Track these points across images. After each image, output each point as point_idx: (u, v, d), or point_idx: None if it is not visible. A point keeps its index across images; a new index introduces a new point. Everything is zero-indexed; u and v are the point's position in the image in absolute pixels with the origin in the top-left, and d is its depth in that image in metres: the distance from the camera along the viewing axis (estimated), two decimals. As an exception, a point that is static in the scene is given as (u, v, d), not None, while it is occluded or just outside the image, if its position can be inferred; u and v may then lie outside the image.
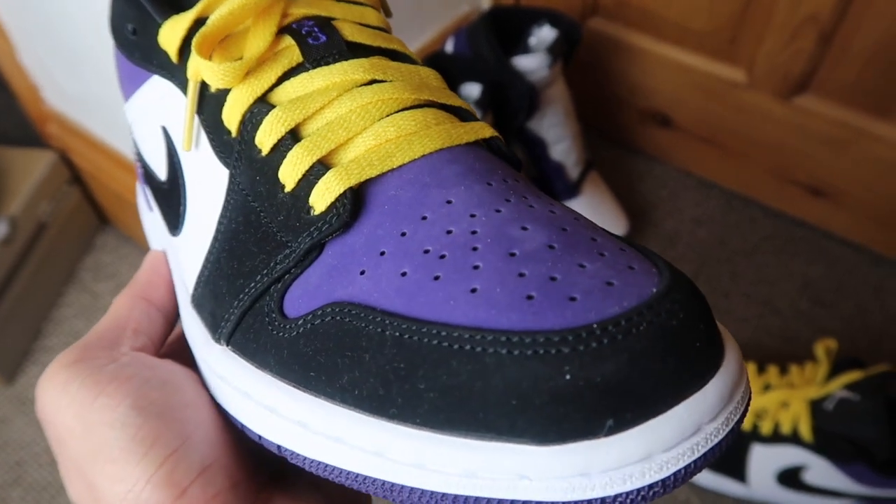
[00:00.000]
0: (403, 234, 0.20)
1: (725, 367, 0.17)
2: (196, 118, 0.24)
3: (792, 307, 0.82)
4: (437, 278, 0.18)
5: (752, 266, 0.85)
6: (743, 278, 0.84)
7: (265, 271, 0.22)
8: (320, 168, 0.21)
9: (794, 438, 0.62)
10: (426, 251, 0.19)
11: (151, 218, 0.31)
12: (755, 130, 0.85)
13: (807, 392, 0.63)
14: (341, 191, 0.21)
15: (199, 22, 0.23)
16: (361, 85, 0.23)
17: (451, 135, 0.22)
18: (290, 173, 0.21)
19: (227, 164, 0.23)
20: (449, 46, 0.79)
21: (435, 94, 0.23)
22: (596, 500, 0.16)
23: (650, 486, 0.16)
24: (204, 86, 0.24)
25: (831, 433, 0.61)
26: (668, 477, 0.16)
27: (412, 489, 0.18)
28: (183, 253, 0.26)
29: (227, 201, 0.23)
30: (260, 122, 0.22)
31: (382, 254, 0.20)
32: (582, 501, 0.16)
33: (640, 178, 0.94)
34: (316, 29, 0.23)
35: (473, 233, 0.19)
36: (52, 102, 0.80)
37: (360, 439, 0.19)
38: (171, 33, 0.24)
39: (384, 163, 0.21)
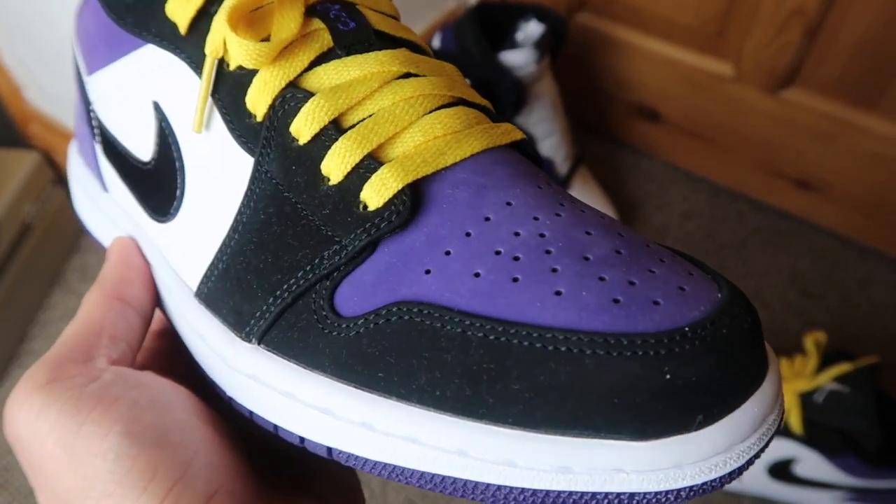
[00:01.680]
0: (468, 235, 0.20)
1: (773, 365, 0.19)
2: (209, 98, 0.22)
3: (780, 300, 0.82)
4: (515, 280, 0.19)
5: (741, 259, 0.86)
6: (731, 272, 0.84)
7: (309, 267, 0.21)
8: (371, 162, 0.20)
9: (784, 431, 0.63)
10: (497, 252, 0.19)
11: (107, 200, 0.28)
12: (742, 124, 0.85)
13: (796, 385, 0.63)
14: (399, 187, 0.20)
15: None
16: (399, 77, 0.22)
17: (492, 135, 0.22)
18: (336, 165, 0.20)
19: (249, 151, 0.22)
20: (435, 42, 0.79)
21: (465, 92, 0.23)
22: (685, 489, 0.17)
23: (730, 474, 0.18)
24: (219, 64, 0.22)
25: (821, 425, 0.61)
26: (744, 464, 0.18)
27: (499, 487, 0.18)
28: (178, 241, 0.24)
29: (250, 190, 0.22)
30: (296, 109, 0.21)
31: (448, 253, 0.20)
32: (672, 491, 0.17)
33: (629, 173, 0.95)
34: (344, 14, 0.22)
35: (542, 235, 0.19)
36: (35, 102, 0.79)
37: (439, 439, 0.19)
38: (183, 3, 0.22)
39: (437, 160, 0.21)
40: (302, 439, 0.20)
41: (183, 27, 0.22)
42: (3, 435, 0.70)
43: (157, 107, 0.24)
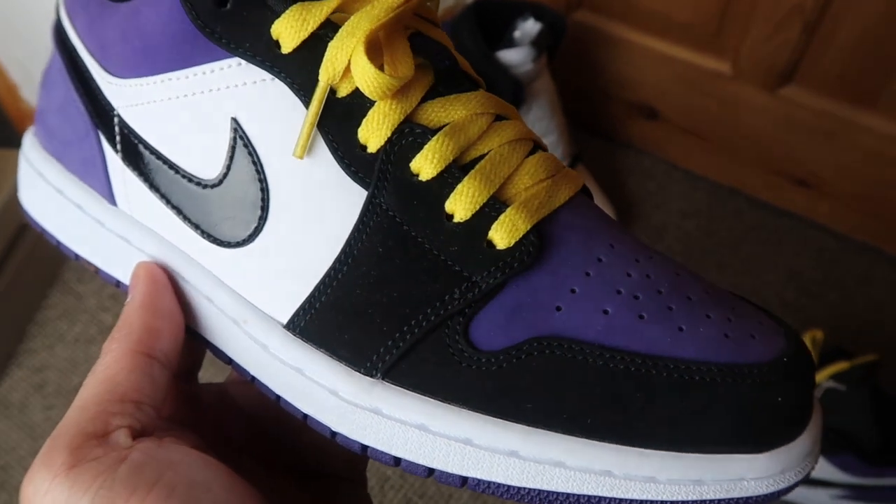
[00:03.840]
0: (588, 274, 0.21)
1: (817, 402, 0.23)
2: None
3: (778, 298, 0.82)
4: (641, 317, 0.21)
5: (739, 257, 0.86)
6: (729, 270, 0.84)
7: (439, 303, 0.21)
8: (496, 202, 0.21)
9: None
10: (619, 292, 0.21)
11: (114, 216, 0.26)
12: (741, 122, 0.85)
13: (794, 383, 0.63)
14: (527, 229, 0.21)
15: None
16: (496, 119, 0.23)
17: (575, 181, 0.23)
18: (463, 205, 0.21)
19: (360, 182, 0.21)
20: (433, 40, 0.79)
21: (534, 134, 0.24)
22: (784, 489, 0.21)
23: (805, 476, 0.21)
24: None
25: (819, 424, 0.61)
26: (812, 468, 0.22)
27: (642, 502, 0.20)
28: (256, 268, 0.23)
29: (362, 222, 0.22)
30: (417, 145, 0.21)
31: (573, 291, 0.21)
32: (776, 492, 0.21)
33: (627, 172, 0.94)
34: (439, 50, 0.23)
35: (648, 277, 0.22)
36: (32, 101, 0.79)
37: (588, 463, 0.20)
38: (296, 23, 0.21)
39: (549, 203, 0.22)
40: (431, 470, 0.21)
41: (289, 47, 0.21)
42: (1, 432, 0.69)
43: (236, 123, 0.23)
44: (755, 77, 0.80)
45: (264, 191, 0.23)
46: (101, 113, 0.26)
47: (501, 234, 0.21)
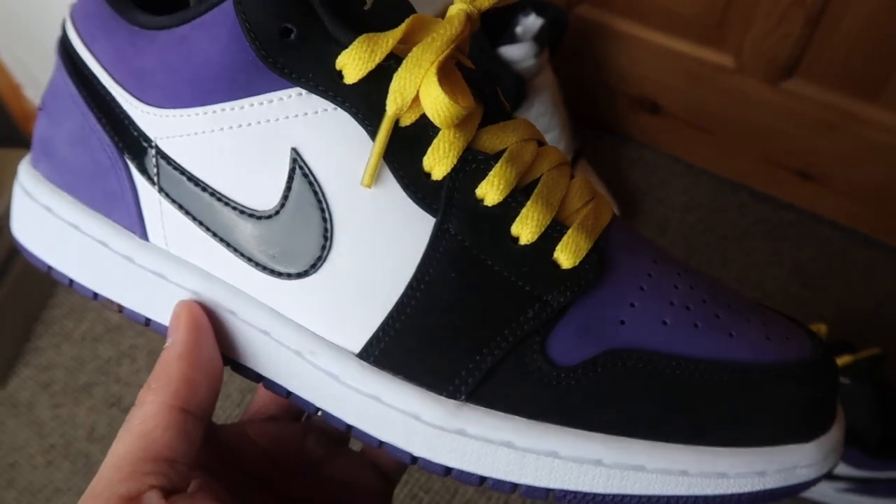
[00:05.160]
0: (642, 289, 0.23)
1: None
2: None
3: (782, 291, 0.82)
4: (696, 326, 0.23)
5: (742, 251, 0.86)
6: (733, 263, 0.84)
7: (515, 324, 0.22)
8: (557, 224, 0.23)
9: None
10: (672, 303, 0.23)
11: (147, 252, 0.25)
12: (744, 115, 0.85)
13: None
14: (588, 248, 0.23)
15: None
16: (539, 145, 0.24)
17: (608, 202, 0.25)
18: (529, 228, 0.22)
19: (427, 209, 0.22)
20: (435, 37, 0.79)
21: (567, 157, 0.26)
22: (827, 472, 0.23)
23: (838, 459, 0.23)
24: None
25: (823, 417, 0.61)
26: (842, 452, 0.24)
27: (714, 496, 0.22)
28: (321, 299, 0.23)
29: (432, 248, 0.22)
30: (481, 172, 0.22)
31: (633, 305, 0.23)
32: (820, 477, 0.23)
33: (630, 166, 0.94)
34: (481, 78, 0.23)
35: (692, 288, 0.23)
36: (35, 100, 0.79)
37: (666, 465, 0.22)
38: (364, 54, 0.21)
39: (599, 223, 0.24)
40: (515, 486, 0.22)
41: (354, 78, 0.22)
42: (8, 433, 0.70)
43: (296, 153, 0.22)
44: (758, 70, 0.80)
45: (327, 220, 0.23)
46: (131, 144, 0.25)
47: (567, 255, 0.22)
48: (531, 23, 0.78)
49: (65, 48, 0.27)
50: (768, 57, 0.78)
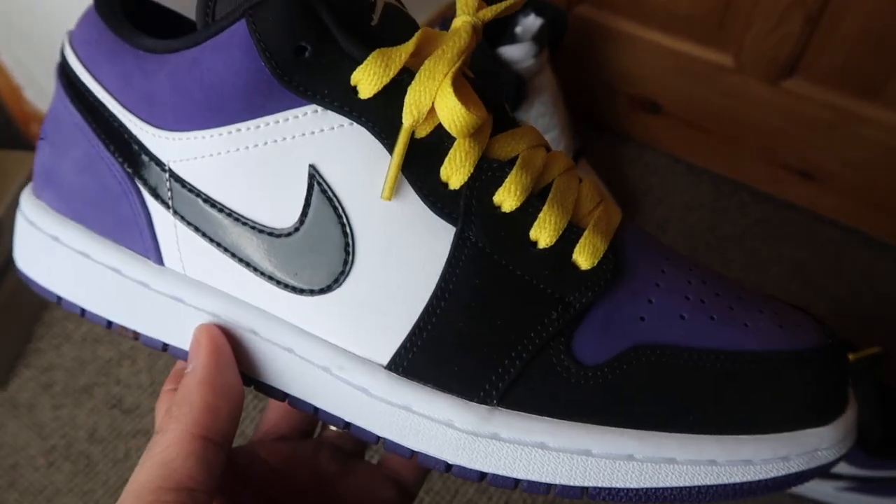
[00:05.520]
0: (658, 286, 0.23)
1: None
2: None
3: (782, 291, 0.82)
4: (712, 318, 0.23)
5: (743, 251, 0.86)
6: (734, 263, 0.84)
7: (540, 326, 0.22)
8: (573, 227, 0.23)
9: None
10: (687, 297, 0.23)
11: (163, 277, 0.25)
12: (744, 115, 0.85)
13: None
14: (605, 249, 0.23)
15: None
16: (546, 151, 0.24)
17: (614, 204, 0.25)
18: (548, 231, 0.23)
19: (447, 218, 0.22)
20: (435, 37, 0.79)
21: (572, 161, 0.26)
22: (846, 452, 0.24)
23: (854, 440, 0.24)
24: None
25: (823, 417, 0.61)
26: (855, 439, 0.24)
27: (742, 483, 0.23)
28: (347, 313, 0.23)
29: (455, 256, 0.22)
30: (497, 179, 0.22)
31: (650, 302, 0.23)
32: (838, 459, 0.23)
33: (630, 166, 0.94)
34: (487, 87, 0.24)
35: (704, 282, 0.24)
36: (35, 102, 0.80)
37: (694, 456, 0.22)
38: (379, 69, 0.22)
39: (611, 225, 0.24)
40: (550, 486, 0.23)
41: (368, 93, 0.22)
42: (9, 435, 0.70)
43: (314, 170, 0.23)
44: (758, 70, 0.80)
45: (348, 235, 0.23)
46: (143, 169, 0.25)
47: (585, 256, 0.23)
48: (531, 23, 0.78)
49: (66, 75, 0.26)
50: (768, 57, 0.78)
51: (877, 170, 0.80)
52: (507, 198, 0.22)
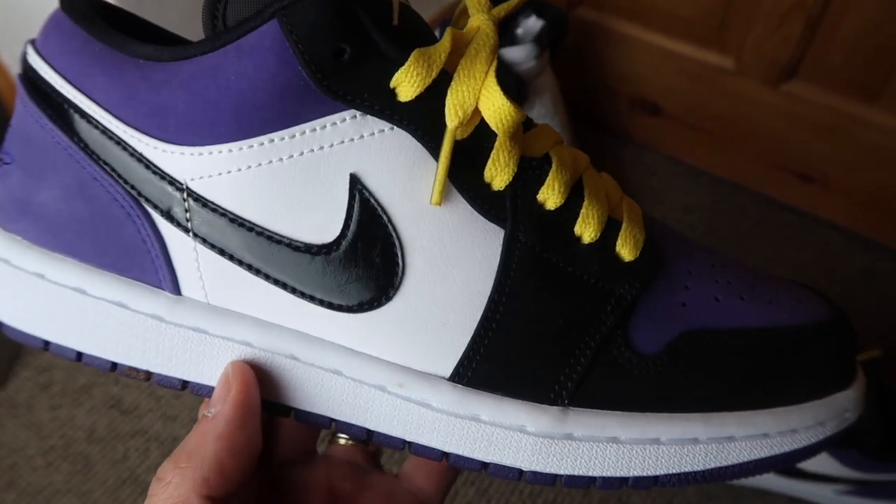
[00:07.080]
0: (690, 273, 0.24)
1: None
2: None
3: (783, 293, 0.82)
4: (742, 299, 0.24)
5: (743, 253, 0.85)
6: (734, 265, 0.84)
7: (597, 321, 0.22)
8: (612, 220, 0.23)
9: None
10: (716, 281, 0.24)
11: (178, 308, 0.23)
12: (744, 117, 0.85)
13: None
14: (644, 239, 0.23)
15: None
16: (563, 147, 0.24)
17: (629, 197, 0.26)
18: (590, 227, 0.23)
19: (495, 220, 0.22)
20: (435, 38, 0.79)
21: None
22: (863, 411, 0.25)
23: (865, 400, 0.25)
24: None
25: (823, 419, 0.61)
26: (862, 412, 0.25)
27: (791, 452, 0.23)
28: (401, 328, 0.22)
29: (507, 258, 0.22)
30: (538, 178, 0.22)
31: (687, 288, 0.24)
32: (861, 415, 0.24)
33: (630, 167, 0.94)
34: (508, 85, 0.24)
35: (724, 266, 0.25)
36: (35, 102, 0.79)
37: (751, 430, 0.23)
38: (421, 70, 0.20)
39: (640, 216, 0.25)
40: (625, 480, 0.23)
41: (409, 95, 0.21)
42: (7, 435, 0.70)
43: (355, 179, 0.21)
44: (758, 72, 0.80)
45: (396, 245, 0.22)
46: (152, 189, 0.22)
47: (628, 248, 0.23)
48: (531, 24, 0.78)
49: (37, 89, 0.23)
50: (769, 59, 0.78)
51: (876, 172, 0.80)
52: (550, 195, 0.22)
